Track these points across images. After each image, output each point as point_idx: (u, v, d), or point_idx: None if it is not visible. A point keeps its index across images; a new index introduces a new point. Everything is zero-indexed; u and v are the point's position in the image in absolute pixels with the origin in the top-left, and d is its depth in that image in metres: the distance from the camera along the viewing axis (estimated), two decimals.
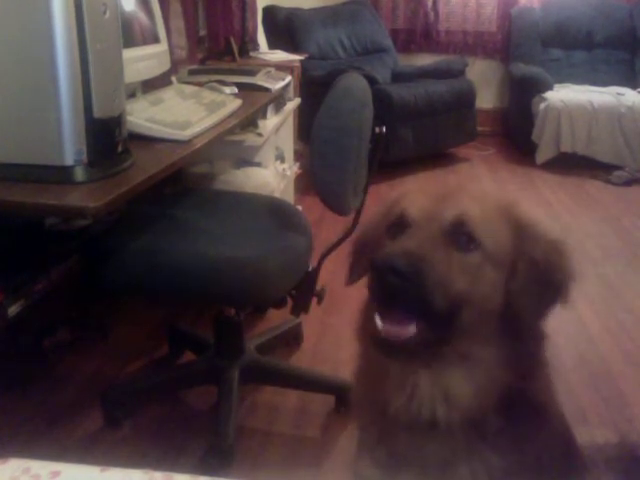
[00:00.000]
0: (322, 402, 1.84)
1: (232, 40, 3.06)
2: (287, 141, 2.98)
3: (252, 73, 2.33)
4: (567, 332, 2.24)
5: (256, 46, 3.70)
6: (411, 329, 0.79)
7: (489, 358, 0.83)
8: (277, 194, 2.43)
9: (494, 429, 0.85)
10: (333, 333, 2.20)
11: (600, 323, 2.34)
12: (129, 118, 1.36)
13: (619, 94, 4.33)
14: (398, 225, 0.85)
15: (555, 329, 0.87)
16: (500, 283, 0.83)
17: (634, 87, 4.54)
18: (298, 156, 3.29)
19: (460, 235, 0.81)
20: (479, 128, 4.61)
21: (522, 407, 0.85)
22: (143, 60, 1.73)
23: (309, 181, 1.55)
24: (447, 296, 0.77)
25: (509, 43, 4.99)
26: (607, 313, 2.42)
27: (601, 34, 4.83)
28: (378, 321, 0.80)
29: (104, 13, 1.15)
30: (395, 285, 0.75)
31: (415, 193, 0.90)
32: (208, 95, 1.83)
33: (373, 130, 1.57)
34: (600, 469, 1.02)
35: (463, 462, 0.86)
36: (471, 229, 0.81)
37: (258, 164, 2.35)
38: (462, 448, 0.86)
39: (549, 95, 4.31)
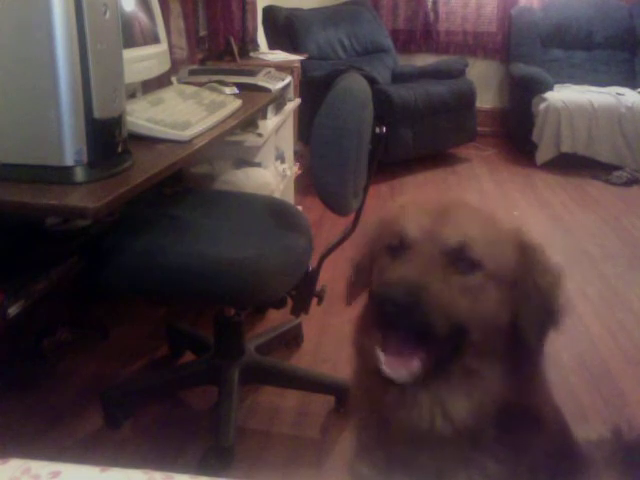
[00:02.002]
0: (322, 402, 1.84)
1: (232, 40, 3.06)
2: (287, 141, 2.98)
3: (252, 73, 2.34)
4: (567, 332, 2.24)
5: (256, 46, 3.70)
6: (415, 363, 0.78)
7: (490, 374, 0.83)
8: (277, 194, 2.43)
9: (490, 438, 0.85)
10: (333, 333, 2.20)
11: (600, 323, 2.34)
12: (129, 118, 1.36)
13: (619, 94, 4.33)
14: (398, 246, 0.83)
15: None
16: (505, 300, 0.82)
17: (634, 87, 4.54)
18: (298, 156, 3.29)
19: (461, 259, 0.80)
20: (479, 128, 4.61)
21: (518, 417, 0.85)
22: (143, 60, 1.73)
23: (309, 181, 1.55)
24: (449, 321, 0.77)
25: (509, 43, 4.99)
26: (607, 313, 2.42)
27: (601, 34, 4.83)
28: (380, 355, 0.79)
29: (104, 13, 1.15)
30: (396, 316, 0.74)
31: (413, 209, 0.87)
32: (208, 95, 1.83)
33: (373, 130, 1.57)
34: (599, 466, 1.03)
35: (460, 469, 0.86)
36: (472, 254, 0.80)
37: (258, 164, 2.35)
38: (459, 456, 0.86)
39: (549, 95, 4.31)
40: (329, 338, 2.18)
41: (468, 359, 0.82)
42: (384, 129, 1.58)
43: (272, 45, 4.14)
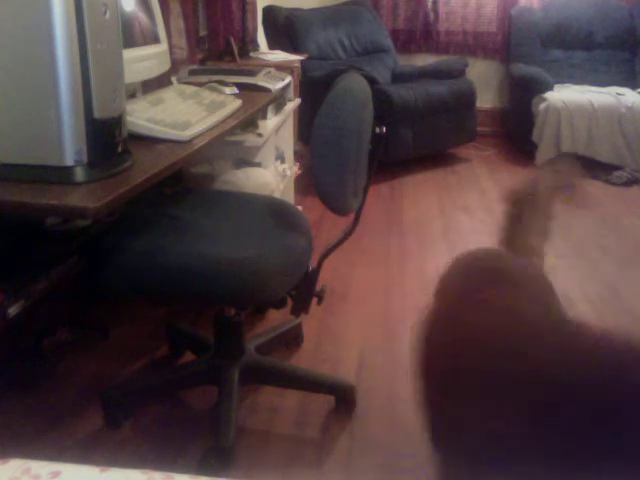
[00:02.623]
0: (322, 402, 1.84)
1: (232, 40, 3.06)
2: (287, 141, 2.98)
3: (252, 73, 2.34)
4: None
5: (256, 46, 3.71)
6: None
7: None
8: (277, 194, 2.43)
9: None
10: (333, 333, 2.20)
11: (600, 323, 2.34)
12: (129, 118, 1.36)
13: (619, 94, 4.33)
14: None
15: None
16: None
17: (634, 87, 4.54)
18: (298, 156, 3.29)
19: None
20: (479, 128, 4.61)
21: None
22: (143, 60, 1.73)
23: (309, 181, 1.55)
24: None
25: (509, 43, 4.99)
26: (607, 313, 2.42)
27: (601, 34, 4.83)
28: None
29: (104, 13, 1.15)
30: None
31: None
32: (208, 95, 1.83)
33: (373, 130, 1.57)
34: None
35: None
36: None
37: (258, 164, 2.35)
38: None
39: (549, 95, 4.31)
40: (329, 338, 2.18)
41: None
42: (384, 129, 1.58)
43: (272, 45, 4.14)
